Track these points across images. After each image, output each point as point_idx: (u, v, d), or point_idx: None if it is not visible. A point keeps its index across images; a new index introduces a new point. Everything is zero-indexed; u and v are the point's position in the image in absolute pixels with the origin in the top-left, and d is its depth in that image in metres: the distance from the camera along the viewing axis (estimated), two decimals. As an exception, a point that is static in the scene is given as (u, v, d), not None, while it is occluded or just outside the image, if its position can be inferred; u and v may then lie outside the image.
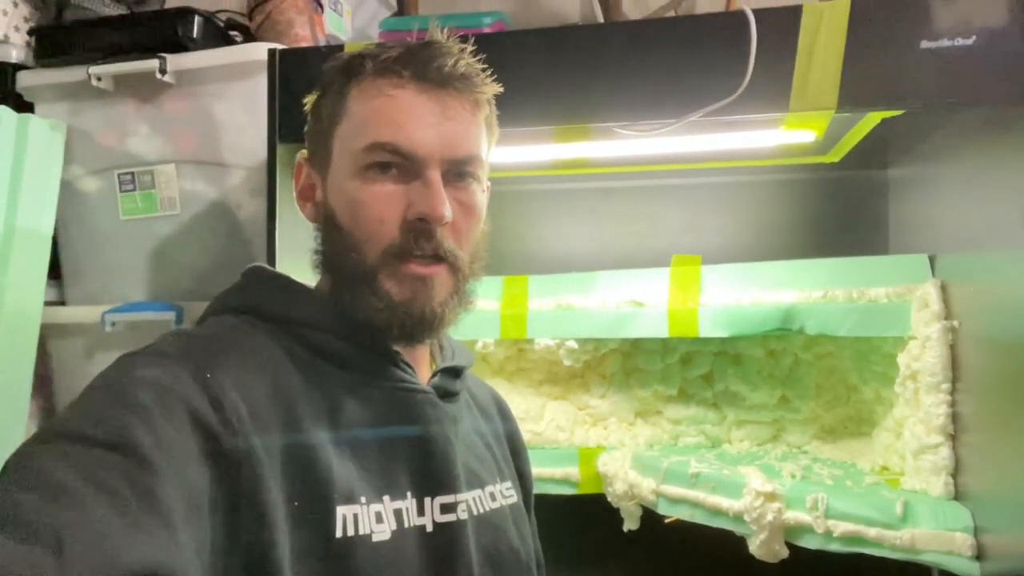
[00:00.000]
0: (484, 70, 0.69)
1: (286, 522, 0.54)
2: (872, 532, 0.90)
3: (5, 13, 1.38)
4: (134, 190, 1.30)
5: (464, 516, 0.66)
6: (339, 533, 0.57)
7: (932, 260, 1.03)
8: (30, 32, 1.37)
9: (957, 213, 0.99)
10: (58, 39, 1.31)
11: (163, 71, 1.23)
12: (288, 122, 0.98)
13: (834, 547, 0.92)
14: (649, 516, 1.10)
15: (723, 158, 1.23)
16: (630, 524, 1.11)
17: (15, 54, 1.36)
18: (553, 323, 1.18)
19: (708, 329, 1.09)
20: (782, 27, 0.86)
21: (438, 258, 0.65)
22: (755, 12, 0.86)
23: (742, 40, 0.86)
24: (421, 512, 0.63)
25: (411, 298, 0.64)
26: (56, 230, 1.29)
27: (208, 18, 1.27)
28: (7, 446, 0.47)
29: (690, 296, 1.11)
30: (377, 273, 0.64)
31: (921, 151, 1.10)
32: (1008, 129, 0.84)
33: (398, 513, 0.61)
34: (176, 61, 1.24)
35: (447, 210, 0.63)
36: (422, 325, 0.65)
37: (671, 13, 1.65)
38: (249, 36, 1.32)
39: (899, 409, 1.04)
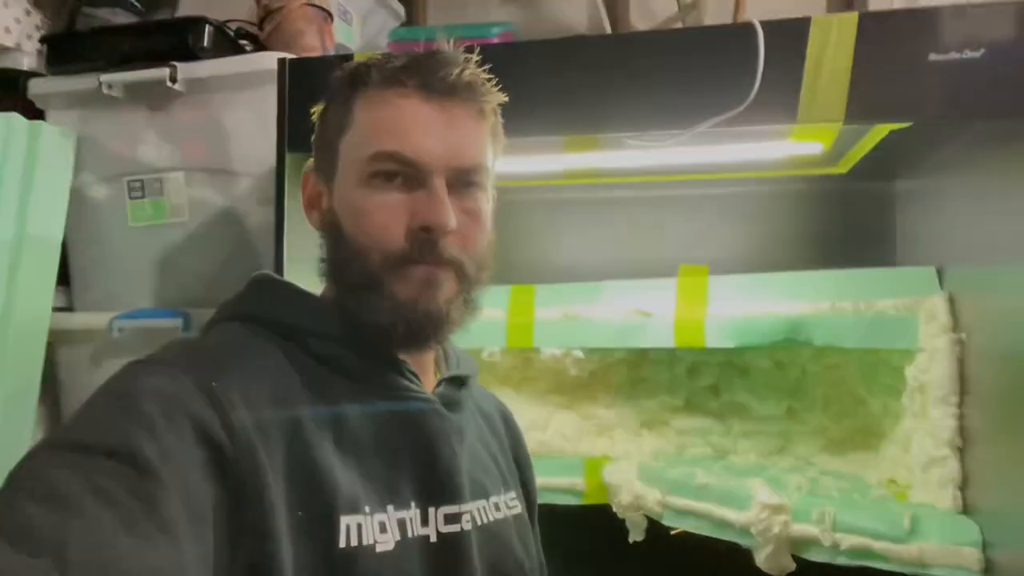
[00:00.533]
0: (490, 79, 0.69)
1: (289, 531, 0.54)
2: (879, 546, 0.89)
3: (18, 21, 1.40)
4: (143, 197, 1.31)
5: (468, 527, 0.65)
6: (342, 543, 0.56)
7: (940, 272, 1.02)
8: (42, 40, 1.38)
9: (965, 225, 0.98)
10: (70, 47, 1.32)
11: (173, 79, 1.24)
12: (297, 131, 0.98)
13: (841, 560, 0.92)
14: (654, 527, 1.09)
15: (731, 169, 1.23)
16: (635, 535, 1.11)
17: (27, 62, 1.37)
18: (559, 332, 1.18)
19: (715, 340, 1.09)
20: (790, 39, 0.86)
21: (443, 262, 0.65)
22: (763, 24, 0.86)
23: (750, 51, 0.86)
24: (425, 522, 0.63)
25: (416, 296, 0.64)
26: (65, 236, 1.30)
27: (219, 27, 1.28)
28: (14, 452, 0.47)
29: (697, 307, 1.11)
30: (382, 277, 0.64)
31: (929, 163, 1.09)
32: (1017, 142, 0.83)
33: (402, 523, 0.61)
34: (186, 70, 1.25)
35: (451, 219, 0.63)
36: (427, 323, 0.64)
37: (679, 24, 1.66)
38: (259, 45, 1.33)
39: (907, 422, 1.03)
